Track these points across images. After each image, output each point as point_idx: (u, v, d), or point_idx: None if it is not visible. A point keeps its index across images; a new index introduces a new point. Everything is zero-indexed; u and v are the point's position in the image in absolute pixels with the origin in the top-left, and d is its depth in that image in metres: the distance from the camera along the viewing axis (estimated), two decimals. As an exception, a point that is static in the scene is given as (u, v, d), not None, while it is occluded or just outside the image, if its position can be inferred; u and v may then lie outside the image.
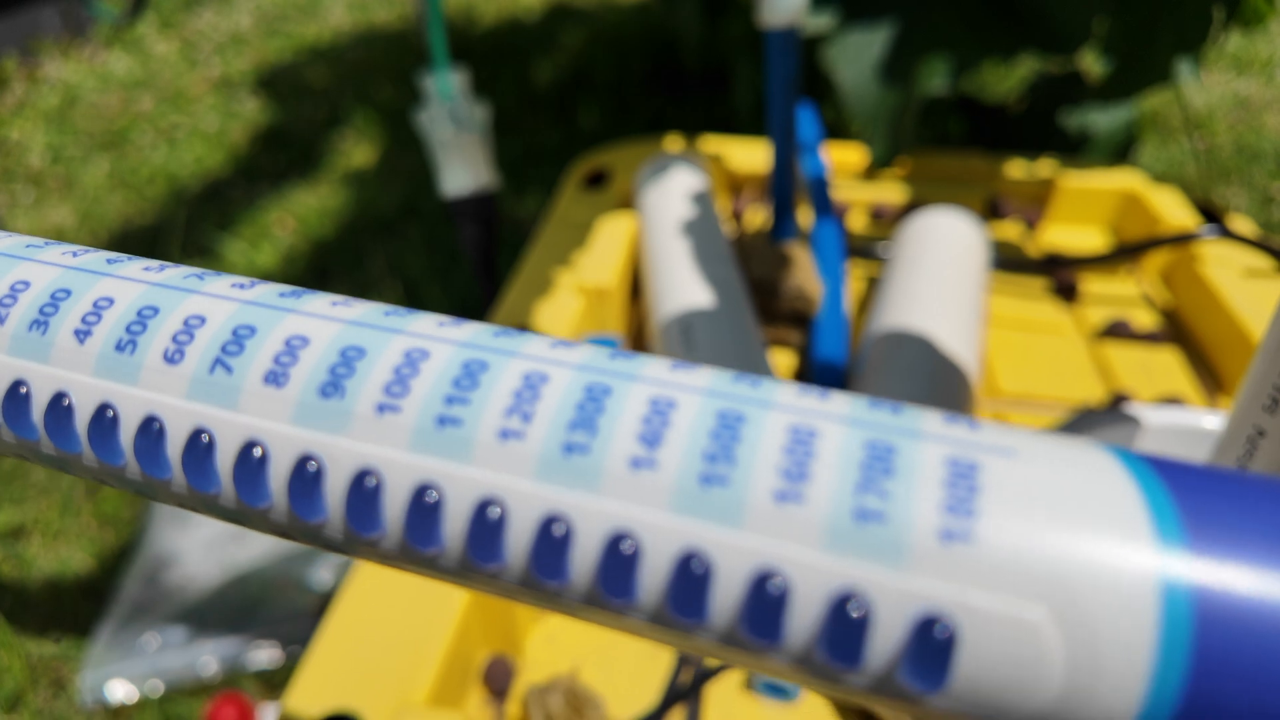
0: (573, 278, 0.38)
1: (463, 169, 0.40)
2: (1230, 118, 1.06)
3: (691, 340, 0.29)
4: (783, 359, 0.38)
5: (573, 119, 1.12)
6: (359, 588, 0.25)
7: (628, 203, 0.46)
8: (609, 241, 0.40)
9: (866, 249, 0.43)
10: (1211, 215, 0.44)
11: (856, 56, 0.52)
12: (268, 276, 0.87)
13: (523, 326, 0.35)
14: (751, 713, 0.24)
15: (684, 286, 0.32)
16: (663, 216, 0.38)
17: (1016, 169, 0.49)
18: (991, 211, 0.48)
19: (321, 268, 0.88)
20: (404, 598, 0.24)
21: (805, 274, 0.36)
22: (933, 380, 0.29)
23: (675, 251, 0.35)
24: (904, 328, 0.31)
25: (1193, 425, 0.25)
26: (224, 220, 0.99)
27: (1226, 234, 0.39)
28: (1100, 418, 0.25)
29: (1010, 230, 0.48)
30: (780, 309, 0.36)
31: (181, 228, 0.97)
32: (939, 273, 0.34)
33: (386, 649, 0.23)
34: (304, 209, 0.99)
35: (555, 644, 0.26)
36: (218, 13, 1.68)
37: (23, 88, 1.38)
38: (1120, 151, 0.65)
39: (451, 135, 0.39)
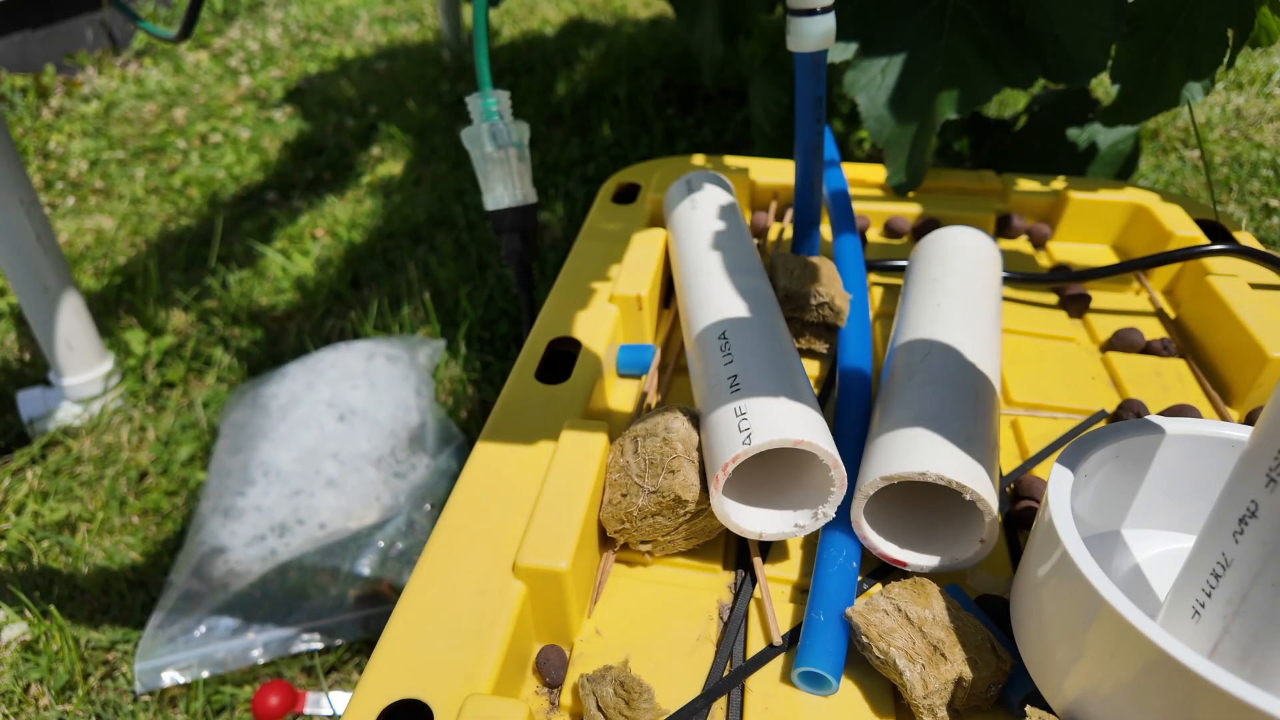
0: (608, 289, 0.40)
1: (503, 184, 0.42)
2: (1228, 134, 1.08)
3: (729, 348, 0.31)
4: (811, 368, 0.40)
5: (590, 131, 1.15)
6: (421, 582, 0.27)
7: (657, 217, 0.48)
8: (641, 254, 0.42)
9: (884, 263, 0.45)
10: (1218, 230, 0.46)
11: (874, 84, 0.55)
12: (303, 284, 0.90)
13: (563, 336, 0.37)
14: (792, 703, 0.25)
15: (719, 297, 0.34)
16: (694, 230, 0.40)
17: (1027, 186, 0.51)
18: (1002, 226, 0.50)
19: (354, 276, 0.91)
20: (464, 592, 0.26)
21: (833, 286, 0.38)
22: (957, 388, 0.30)
23: (709, 264, 0.37)
24: (928, 338, 0.33)
25: (1214, 434, 0.27)
26: (259, 229, 1.02)
27: (1235, 248, 0.41)
28: (1123, 428, 0.27)
29: (1021, 245, 0.50)
30: (809, 319, 0.38)
31: (219, 236, 1.00)
32: (960, 287, 0.36)
33: (449, 642, 0.25)
34: (336, 218, 1.02)
35: (604, 637, 0.28)
36: (249, 27, 1.72)
37: (61, 98, 1.42)
38: (1124, 166, 0.67)
39: (494, 151, 0.41)
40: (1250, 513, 0.21)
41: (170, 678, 0.50)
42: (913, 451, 0.27)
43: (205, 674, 0.51)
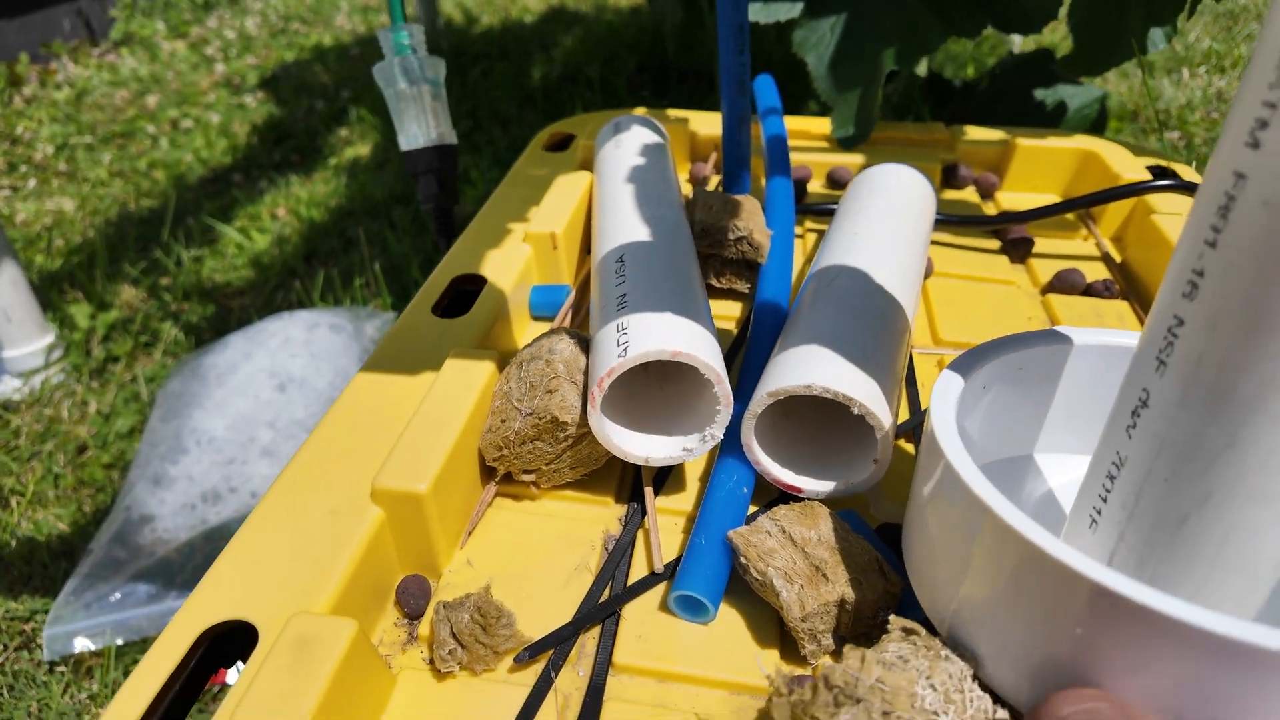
0: (525, 228, 0.38)
1: (417, 122, 0.41)
2: (1209, 115, 1.06)
3: (624, 270, 0.30)
4: (733, 309, 0.38)
5: (563, 113, 1.14)
6: (267, 506, 0.25)
7: (589, 165, 0.47)
8: (562, 194, 0.41)
9: (819, 206, 0.44)
10: (1168, 175, 0.44)
11: (823, 43, 0.53)
12: (259, 259, 0.89)
13: (470, 274, 0.36)
14: (668, 632, 0.24)
15: (626, 225, 0.33)
16: (616, 166, 0.38)
17: (975, 136, 0.49)
18: (949, 177, 0.48)
19: (309, 252, 0.89)
20: (313, 516, 0.24)
21: (753, 221, 0.36)
22: (859, 310, 0.29)
23: (622, 196, 0.35)
24: (840, 263, 0.31)
25: (1129, 345, 0.25)
26: (220, 209, 1.00)
27: (1178, 184, 0.39)
28: (1026, 338, 0.25)
29: (968, 195, 0.48)
30: (728, 256, 0.37)
31: (172, 210, 0.99)
32: (880, 217, 0.34)
33: (289, 565, 0.23)
34: (299, 198, 1.01)
35: (475, 568, 0.26)
36: (227, 17, 1.71)
37: (34, 86, 1.41)
38: (1090, 132, 0.65)
39: (406, 88, 0.40)
40: (1142, 402, 0.20)
41: (82, 644, 0.48)
42: (801, 368, 0.25)
43: (120, 641, 0.49)
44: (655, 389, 0.29)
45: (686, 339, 0.25)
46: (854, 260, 0.31)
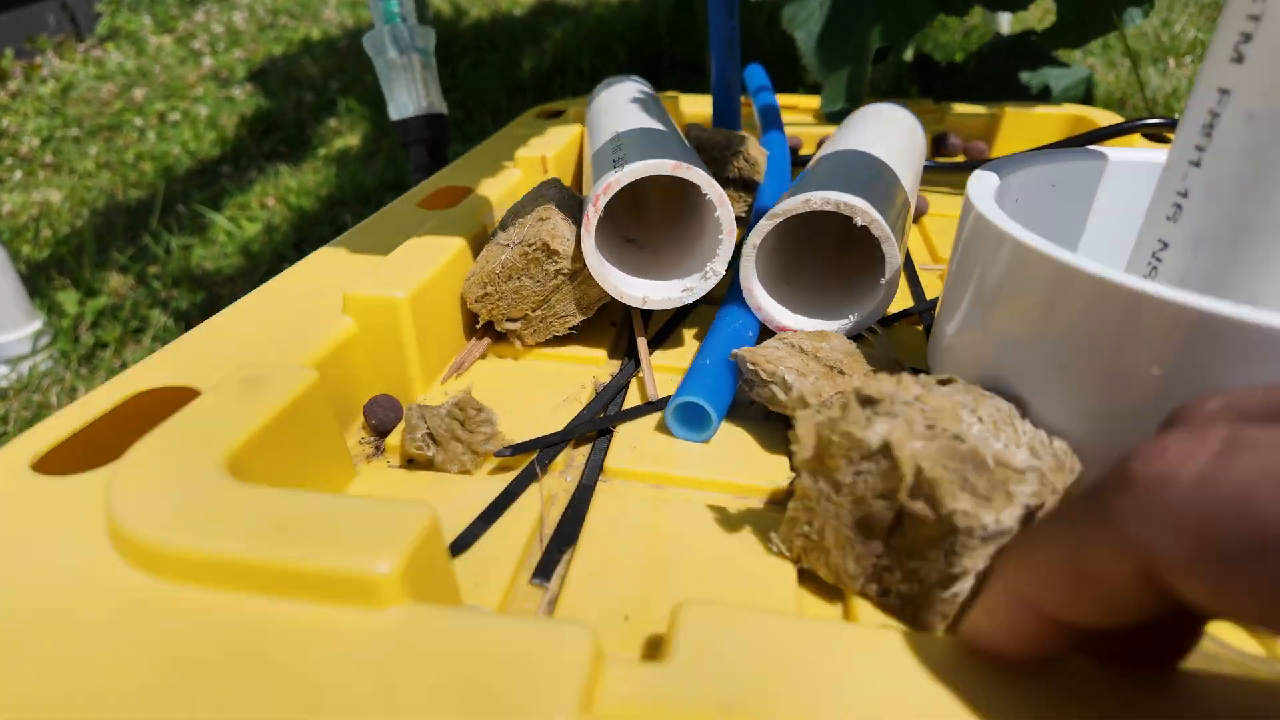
0: (516, 158, 0.38)
1: (407, 91, 0.41)
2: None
3: (618, 139, 0.28)
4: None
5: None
6: (232, 314, 0.24)
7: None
8: (556, 134, 0.41)
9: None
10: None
11: (812, 19, 0.53)
12: (248, 247, 0.88)
13: (458, 188, 0.35)
14: (665, 447, 0.22)
15: (619, 119, 0.32)
16: (609, 99, 0.38)
17: (963, 109, 0.50)
18: (939, 146, 0.48)
19: (299, 239, 0.89)
20: (278, 323, 0.23)
21: (749, 142, 0.36)
22: (862, 159, 0.28)
23: (616, 104, 0.35)
24: (843, 148, 0.31)
25: (1158, 160, 0.23)
26: (210, 199, 1.00)
27: (1169, 121, 0.39)
28: (1060, 152, 0.24)
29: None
30: (727, 174, 0.37)
31: (161, 199, 0.98)
32: (875, 129, 0.34)
33: (247, 359, 0.21)
34: (289, 187, 1.00)
35: (451, 395, 0.24)
36: (214, 11, 1.70)
37: (19, 81, 1.40)
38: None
39: (396, 56, 0.40)
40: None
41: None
42: (802, 194, 0.24)
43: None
44: (649, 256, 0.29)
45: (686, 160, 0.24)
46: (857, 146, 0.31)
